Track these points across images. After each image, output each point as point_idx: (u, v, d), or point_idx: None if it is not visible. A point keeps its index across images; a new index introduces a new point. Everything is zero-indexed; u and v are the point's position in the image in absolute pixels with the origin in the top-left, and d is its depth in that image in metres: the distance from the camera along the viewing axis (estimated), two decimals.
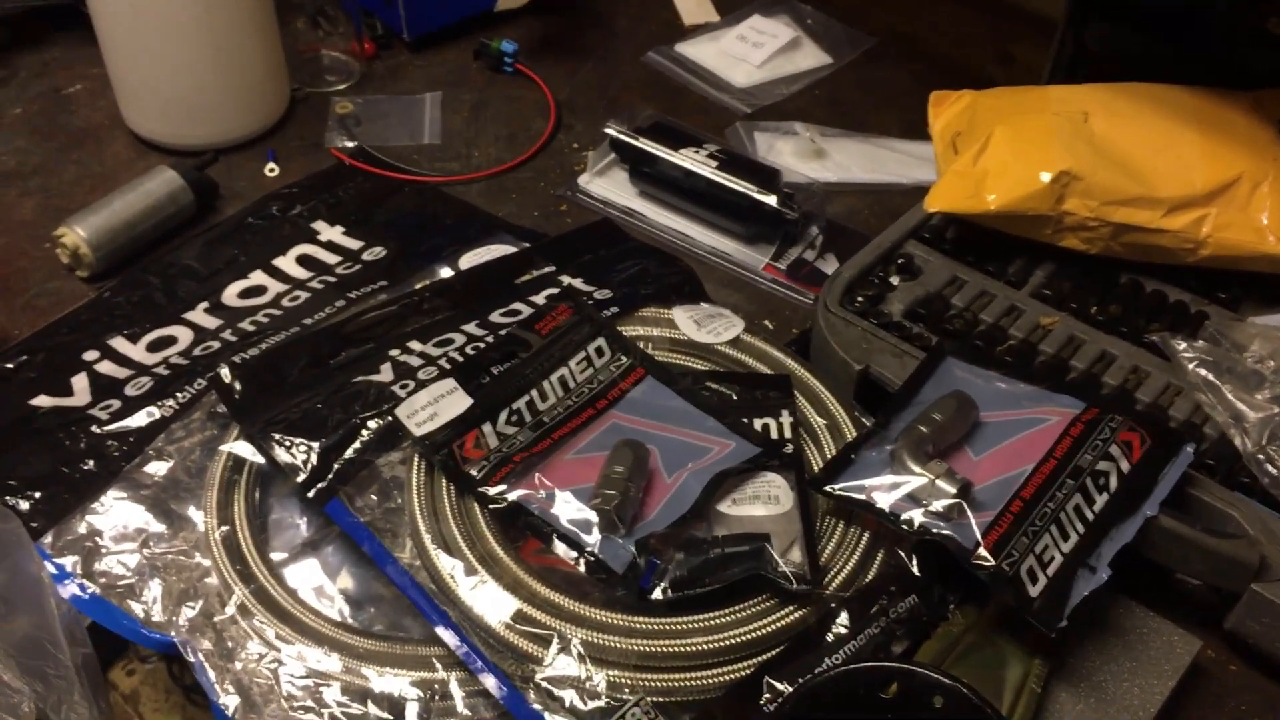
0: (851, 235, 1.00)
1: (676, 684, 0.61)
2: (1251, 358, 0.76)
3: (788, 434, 0.75)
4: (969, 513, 0.66)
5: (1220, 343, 0.78)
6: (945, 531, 0.66)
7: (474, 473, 0.69)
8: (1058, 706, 0.65)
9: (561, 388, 0.75)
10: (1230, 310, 0.86)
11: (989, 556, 0.64)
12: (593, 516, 0.67)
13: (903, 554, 0.68)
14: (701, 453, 0.72)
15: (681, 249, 0.99)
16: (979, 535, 0.65)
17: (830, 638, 0.64)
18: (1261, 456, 0.72)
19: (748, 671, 0.62)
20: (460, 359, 0.78)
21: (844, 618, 0.65)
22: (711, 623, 0.63)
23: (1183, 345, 0.77)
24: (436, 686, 0.63)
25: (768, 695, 0.61)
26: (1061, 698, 0.66)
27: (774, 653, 0.63)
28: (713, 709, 0.61)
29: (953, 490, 0.67)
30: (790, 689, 0.61)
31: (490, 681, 0.61)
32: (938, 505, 0.67)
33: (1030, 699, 0.64)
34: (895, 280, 0.87)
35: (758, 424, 0.75)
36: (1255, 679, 0.71)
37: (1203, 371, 0.75)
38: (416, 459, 0.70)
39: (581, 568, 0.66)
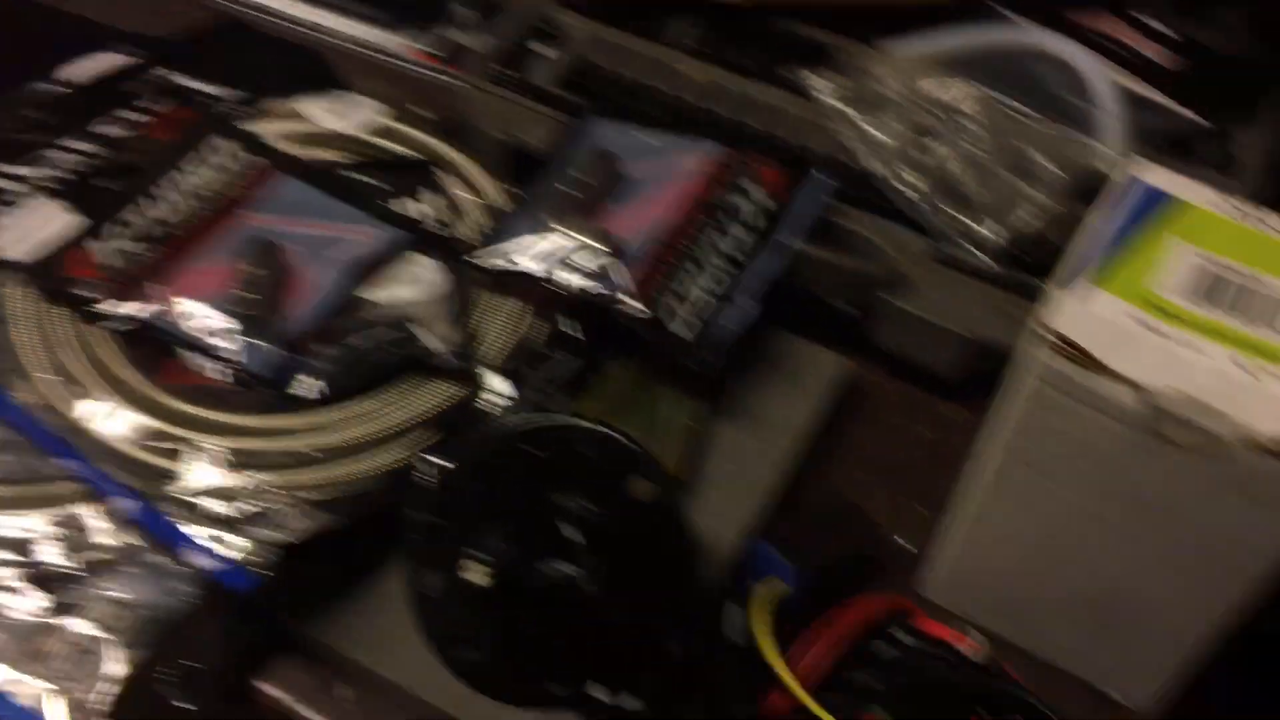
0: (504, 10, 0.95)
1: (331, 479, 0.59)
2: (883, 86, 0.77)
3: (436, 215, 0.72)
4: (621, 267, 0.66)
5: (855, 76, 0.79)
6: (599, 289, 0.65)
7: (88, 294, 0.63)
8: (717, 438, 0.67)
9: (184, 195, 0.69)
10: (866, 44, 0.87)
11: (643, 308, 0.64)
12: (233, 324, 0.63)
13: (559, 318, 0.68)
14: (343, 244, 0.68)
15: (320, 40, 0.92)
16: (632, 287, 0.65)
17: (487, 408, 0.63)
18: (894, 180, 0.74)
19: (407, 454, 0.61)
20: (65, 176, 0.70)
21: (501, 386, 0.64)
22: (362, 409, 0.61)
23: (819, 81, 0.78)
24: (70, 519, 0.58)
25: (426, 470, 0.60)
26: (721, 430, 0.68)
27: (431, 431, 0.62)
28: (374, 497, 0.60)
29: (603, 248, 0.66)
30: (448, 463, 0.60)
31: (124, 503, 0.57)
32: (589, 264, 0.66)
33: (690, 437, 0.66)
34: (541, 49, 0.84)
35: (410, 210, 0.72)
36: (907, 391, 0.75)
37: (836, 103, 0.77)
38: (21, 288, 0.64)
39: (229, 378, 0.62)
